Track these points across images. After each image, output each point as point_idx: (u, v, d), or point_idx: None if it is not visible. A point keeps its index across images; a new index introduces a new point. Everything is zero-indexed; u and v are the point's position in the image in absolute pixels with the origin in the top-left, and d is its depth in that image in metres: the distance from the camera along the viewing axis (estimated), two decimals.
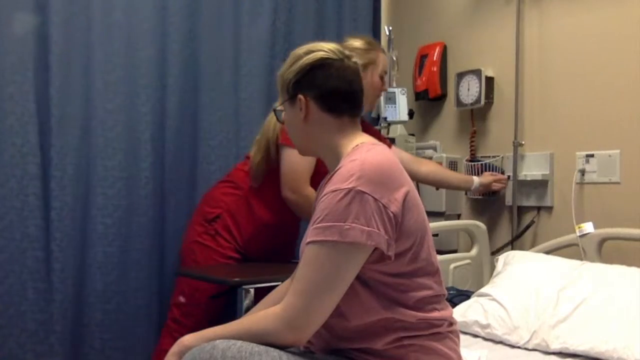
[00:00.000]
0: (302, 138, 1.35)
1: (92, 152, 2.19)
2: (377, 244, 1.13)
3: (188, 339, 1.20)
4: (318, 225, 1.15)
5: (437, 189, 2.66)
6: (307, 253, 1.16)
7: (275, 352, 1.13)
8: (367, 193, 1.13)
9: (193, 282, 2.07)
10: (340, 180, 1.16)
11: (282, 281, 1.80)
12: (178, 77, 2.39)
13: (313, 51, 1.31)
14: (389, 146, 2.34)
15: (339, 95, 1.30)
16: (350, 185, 1.14)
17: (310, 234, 1.17)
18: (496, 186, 2.48)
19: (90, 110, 2.19)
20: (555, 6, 2.43)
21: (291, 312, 1.14)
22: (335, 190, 1.15)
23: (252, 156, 2.14)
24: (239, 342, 1.12)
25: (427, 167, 2.41)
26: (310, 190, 1.99)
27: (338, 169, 1.20)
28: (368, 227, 1.12)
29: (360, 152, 1.22)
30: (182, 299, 2.12)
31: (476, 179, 2.46)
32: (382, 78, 2.16)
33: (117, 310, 2.23)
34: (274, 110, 1.39)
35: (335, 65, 1.30)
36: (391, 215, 1.15)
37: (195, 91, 2.45)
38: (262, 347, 1.12)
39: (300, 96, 1.29)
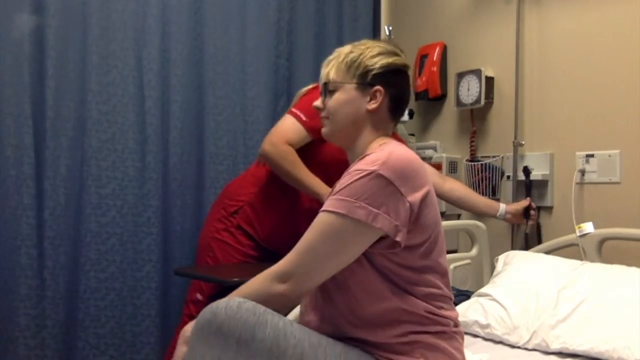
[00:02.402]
0: (350, 121, 1.35)
1: (86, 152, 2.21)
2: (381, 226, 1.16)
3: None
4: (333, 197, 1.21)
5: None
6: (316, 220, 1.22)
7: (285, 318, 1.16)
8: (386, 178, 1.17)
9: None
10: (365, 163, 1.21)
11: None
12: (182, 77, 2.40)
13: (398, 54, 1.38)
14: None
15: (405, 103, 1.39)
16: (372, 168, 1.18)
17: (325, 205, 1.22)
18: (532, 215, 2.33)
19: (85, 112, 2.21)
20: (555, 6, 2.43)
21: (283, 264, 1.20)
22: (358, 170, 1.21)
23: None
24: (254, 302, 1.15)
25: (450, 184, 2.33)
26: (288, 148, 2.00)
27: (365, 155, 1.24)
28: (377, 209, 1.16)
29: (388, 146, 1.27)
30: (199, 297, 2.12)
31: (502, 206, 2.32)
32: None
33: (112, 307, 2.24)
34: (325, 84, 1.36)
35: (408, 76, 1.40)
36: (407, 204, 1.18)
37: (201, 91, 2.46)
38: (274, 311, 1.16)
39: (380, 88, 1.33)
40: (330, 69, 1.37)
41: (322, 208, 1.22)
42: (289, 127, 2.02)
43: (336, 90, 1.35)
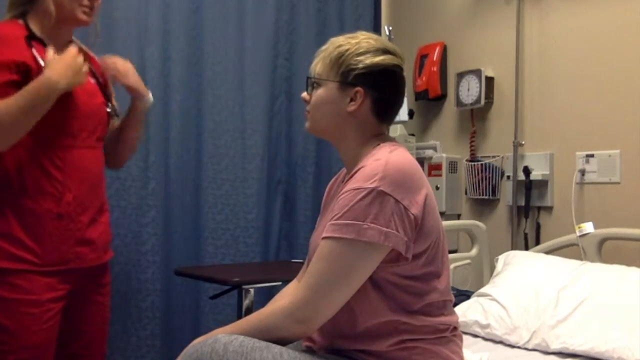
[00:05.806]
0: (331, 121, 1.29)
1: None
2: (394, 245, 1.14)
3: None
4: (336, 221, 1.15)
5: None
6: (322, 248, 1.16)
7: (276, 349, 1.13)
8: (388, 194, 1.13)
9: None
10: (363, 179, 1.16)
11: (282, 281, 1.80)
12: (180, 76, 2.40)
13: (389, 53, 1.29)
14: None
15: (394, 105, 1.31)
16: (372, 185, 1.14)
17: (327, 230, 1.17)
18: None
19: None
20: (555, 6, 2.43)
21: (298, 304, 1.14)
22: (358, 189, 1.15)
23: None
24: (241, 337, 1.12)
25: None
26: None
27: (361, 167, 1.19)
28: (387, 228, 1.13)
29: (384, 151, 1.21)
30: None
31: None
32: None
33: (117, 309, 2.23)
34: (308, 78, 1.32)
35: (400, 76, 1.31)
36: (412, 217, 1.15)
37: (199, 90, 2.45)
38: (264, 343, 1.12)
39: (360, 89, 1.26)
40: (318, 62, 1.31)
41: (326, 234, 1.16)
42: None
43: (320, 85, 1.29)
